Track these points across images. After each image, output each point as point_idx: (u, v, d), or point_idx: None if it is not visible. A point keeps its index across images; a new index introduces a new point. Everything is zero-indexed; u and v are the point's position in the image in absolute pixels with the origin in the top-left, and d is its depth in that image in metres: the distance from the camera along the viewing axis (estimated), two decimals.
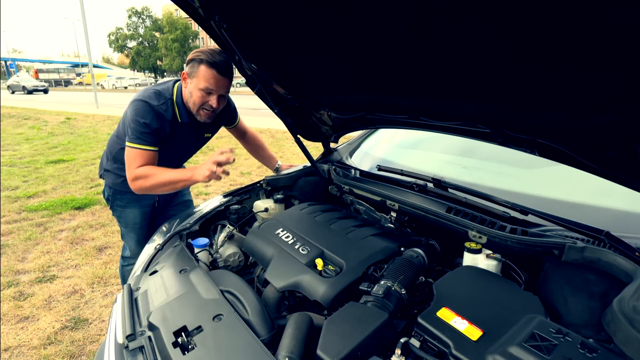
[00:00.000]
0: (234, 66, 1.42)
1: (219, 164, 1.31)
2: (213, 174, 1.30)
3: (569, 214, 1.00)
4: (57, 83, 43.95)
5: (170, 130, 1.50)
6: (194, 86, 1.42)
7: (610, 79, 0.66)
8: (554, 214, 1.01)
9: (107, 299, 2.31)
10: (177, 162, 1.80)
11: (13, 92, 28.57)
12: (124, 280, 1.98)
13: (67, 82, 44.61)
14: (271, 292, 1.04)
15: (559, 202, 1.17)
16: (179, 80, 1.55)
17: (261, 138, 2.01)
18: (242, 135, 1.93)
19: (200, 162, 5.75)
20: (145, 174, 1.42)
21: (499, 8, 0.62)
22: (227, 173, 1.34)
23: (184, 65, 1.47)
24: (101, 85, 40.15)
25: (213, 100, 1.44)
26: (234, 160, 1.31)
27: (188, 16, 1.10)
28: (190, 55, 1.41)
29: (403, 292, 0.92)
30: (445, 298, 0.86)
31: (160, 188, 1.44)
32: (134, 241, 1.83)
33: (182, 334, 0.84)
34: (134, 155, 1.42)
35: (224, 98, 1.50)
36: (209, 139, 1.77)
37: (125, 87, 39.43)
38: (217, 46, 1.36)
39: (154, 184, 1.42)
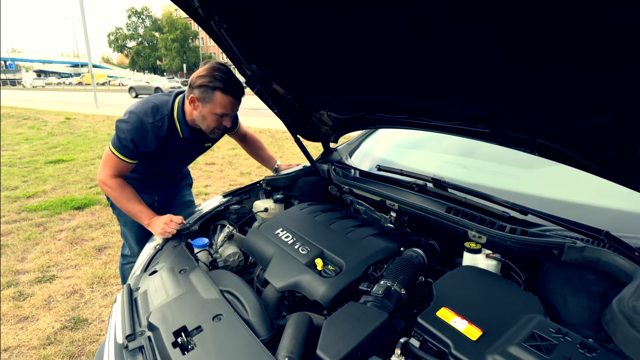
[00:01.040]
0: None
1: (172, 222, 1.39)
2: (165, 233, 1.37)
3: (569, 214, 1.01)
4: (4, 83, 45.36)
5: (163, 145, 1.50)
6: (207, 111, 1.41)
7: (610, 78, 0.66)
8: (553, 214, 1.01)
9: (106, 299, 2.31)
10: (176, 168, 1.84)
11: (137, 96, 19.88)
12: (124, 278, 1.98)
13: (13, 82, 46.00)
14: (271, 292, 1.04)
15: (558, 202, 1.17)
16: (180, 93, 1.52)
17: (260, 139, 2.01)
18: (242, 138, 1.94)
19: (199, 163, 5.73)
20: (114, 187, 1.46)
21: (498, 8, 0.62)
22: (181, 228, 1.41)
23: (189, 87, 1.41)
24: (22, 84, 41.39)
25: (227, 122, 1.48)
26: (184, 227, 1.42)
27: (188, 16, 1.10)
28: (198, 80, 1.36)
29: (403, 292, 0.92)
30: (445, 298, 0.86)
31: (120, 206, 1.50)
32: (133, 240, 1.83)
33: (182, 334, 0.84)
34: (111, 160, 1.44)
35: (235, 116, 1.52)
36: (209, 147, 1.78)
37: (43, 86, 40.52)
38: (216, 45, 1.36)
39: (117, 201, 1.48)
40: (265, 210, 1.59)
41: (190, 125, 1.51)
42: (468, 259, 1.07)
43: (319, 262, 1.04)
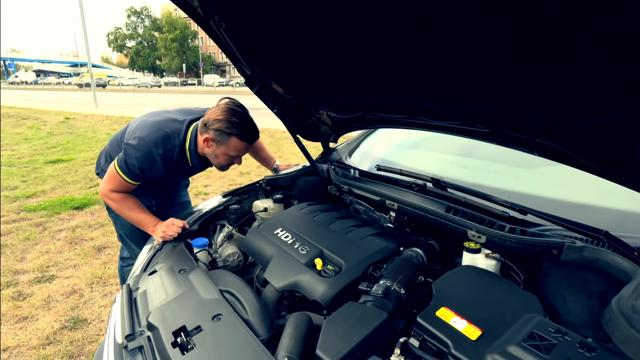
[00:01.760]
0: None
1: (174, 226, 1.40)
2: (166, 236, 1.38)
3: (569, 214, 1.01)
4: None
5: (171, 172, 1.50)
6: (221, 152, 1.43)
7: (610, 78, 0.66)
8: (553, 214, 1.01)
9: (106, 298, 2.31)
10: (177, 182, 1.90)
11: None
12: (124, 280, 1.98)
13: None
14: (270, 291, 1.04)
15: (558, 202, 1.17)
16: (194, 121, 1.49)
17: (260, 139, 2.00)
18: None
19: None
20: (116, 200, 1.46)
21: (498, 9, 0.62)
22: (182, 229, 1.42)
23: (204, 125, 1.39)
24: None
25: (238, 161, 1.51)
26: (184, 229, 1.43)
27: (187, 16, 1.10)
28: (215, 124, 1.35)
29: (402, 291, 0.92)
30: (445, 298, 0.86)
31: (122, 215, 1.50)
32: (131, 243, 1.83)
33: (182, 333, 0.84)
34: (115, 179, 1.43)
35: None
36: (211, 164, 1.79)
37: None
38: (216, 45, 1.35)
39: (119, 212, 1.49)
40: (265, 210, 1.59)
41: (200, 156, 1.52)
42: (467, 259, 1.07)
43: (318, 262, 1.04)
